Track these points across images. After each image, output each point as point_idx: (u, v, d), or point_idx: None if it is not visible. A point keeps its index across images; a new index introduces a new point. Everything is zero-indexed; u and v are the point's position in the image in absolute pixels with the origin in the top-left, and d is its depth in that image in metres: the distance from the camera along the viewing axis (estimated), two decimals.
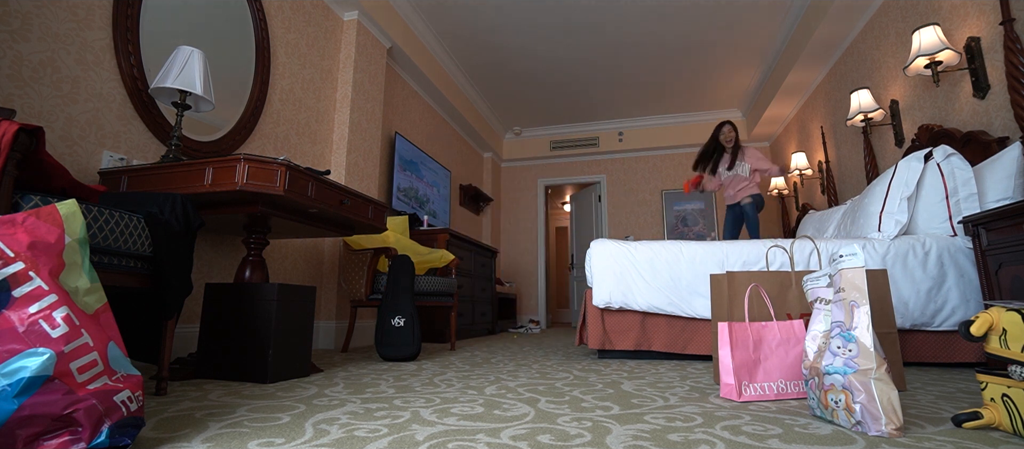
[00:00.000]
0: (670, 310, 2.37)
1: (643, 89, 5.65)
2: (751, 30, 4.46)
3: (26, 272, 0.83)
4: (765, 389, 1.39)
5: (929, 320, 2.12)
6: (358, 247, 2.82)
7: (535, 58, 4.95)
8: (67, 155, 1.81)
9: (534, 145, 6.99)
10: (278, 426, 1.07)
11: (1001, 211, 1.79)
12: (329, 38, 3.43)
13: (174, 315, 1.46)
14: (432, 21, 4.39)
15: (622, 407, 1.29)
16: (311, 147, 3.20)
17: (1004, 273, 1.81)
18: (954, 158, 2.25)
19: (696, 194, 6.44)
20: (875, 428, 0.99)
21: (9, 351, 0.78)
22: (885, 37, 3.38)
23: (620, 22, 4.34)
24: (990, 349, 1.03)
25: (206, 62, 1.98)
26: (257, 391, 1.51)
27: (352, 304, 2.86)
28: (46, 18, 1.78)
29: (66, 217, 0.93)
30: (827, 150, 4.43)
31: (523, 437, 0.98)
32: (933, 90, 2.88)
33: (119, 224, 1.28)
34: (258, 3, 2.78)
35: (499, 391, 1.53)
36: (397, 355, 2.37)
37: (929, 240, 2.20)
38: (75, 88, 1.86)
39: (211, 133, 2.45)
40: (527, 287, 6.84)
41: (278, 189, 1.65)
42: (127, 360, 0.93)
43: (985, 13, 2.42)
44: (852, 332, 1.10)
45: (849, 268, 1.15)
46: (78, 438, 0.79)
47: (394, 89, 4.36)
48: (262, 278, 1.97)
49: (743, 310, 1.56)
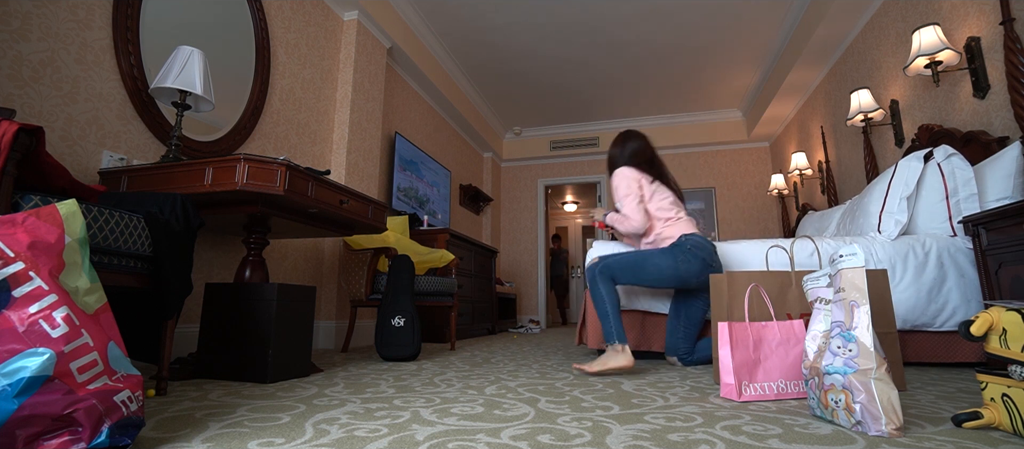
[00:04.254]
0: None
1: (643, 89, 5.65)
2: (751, 30, 4.46)
3: (26, 272, 0.83)
4: (765, 389, 1.39)
5: (930, 320, 2.12)
6: (358, 247, 2.82)
7: (535, 58, 4.95)
8: (67, 155, 1.81)
9: (534, 145, 6.99)
10: (278, 426, 1.07)
11: (1001, 211, 1.79)
12: (329, 38, 3.43)
13: (174, 315, 1.46)
14: (432, 21, 4.39)
15: (622, 407, 1.29)
16: (311, 147, 3.20)
17: (1004, 273, 1.80)
18: (955, 158, 2.25)
19: (697, 194, 6.45)
20: (875, 428, 0.99)
21: (9, 351, 0.78)
22: (885, 37, 3.38)
23: (620, 22, 4.33)
24: (990, 349, 1.03)
25: (206, 62, 1.98)
26: (257, 391, 1.50)
27: (352, 304, 2.86)
28: (46, 18, 1.78)
29: (66, 217, 0.93)
30: (827, 150, 4.43)
31: (523, 437, 0.98)
32: (933, 90, 2.87)
33: (119, 224, 1.28)
34: (258, 3, 2.78)
35: (499, 391, 1.53)
36: (397, 355, 2.36)
37: (929, 240, 2.20)
38: (75, 88, 1.86)
39: (211, 133, 2.45)
40: (527, 287, 6.84)
41: (278, 189, 1.65)
42: (127, 360, 0.93)
43: (985, 13, 2.42)
44: (852, 332, 1.10)
45: (849, 268, 1.15)
46: (78, 438, 0.79)
47: (394, 89, 4.36)
48: (262, 278, 1.97)
49: (743, 310, 1.56)
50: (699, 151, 6.52)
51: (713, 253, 2.11)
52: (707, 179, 6.44)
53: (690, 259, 2.06)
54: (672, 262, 2.06)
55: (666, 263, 2.07)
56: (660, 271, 2.07)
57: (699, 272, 2.07)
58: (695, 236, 2.12)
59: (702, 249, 2.08)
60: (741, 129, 6.22)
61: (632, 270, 2.07)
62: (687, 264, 2.06)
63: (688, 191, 6.45)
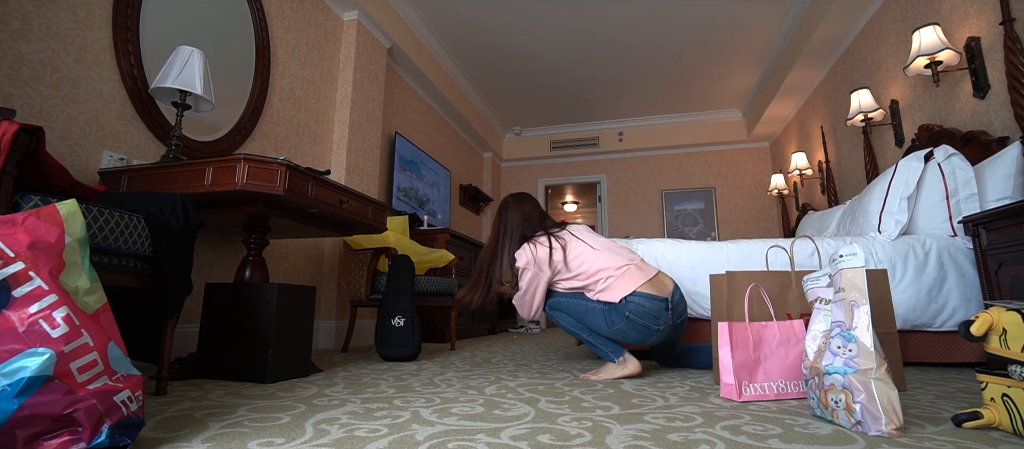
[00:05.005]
0: None
1: (643, 89, 5.65)
2: (751, 30, 4.46)
3: (26, 272, 0.83)
4: (765, 389, 1.39)
5: (930, 321, 2.12)
6: (358, 247, 2.82)
7: (535, 58, 4.95)
8: (67, 155, 1.81)
9: (534, 145, 6.99)
10: (278, 426, 1.07)
11: (1001, 211, 1.79)
12: (329, 38, 3.43)
13: (174, 315, 1.46)
14: (432, 21, 4.39)
15: (622, 407, 1.29)
16: (311, 147, 3.20)
17: (1004, 273, 1.80)
18: (955, 158, 2.24)
19: (697, 194, 6.45)
20: (875, 428, 0.99)
21: (9, 351, 0.78)
22: (885, 37, 3.38)
23: (620, 22, 4.33)
24: (990, 349, 1.03)
25: (206, 62, 1.98)
26: (257, 391, 1.50)
27: (352, 304, 2.86)
28: (46, 18, 1.78)
29: (66, 217, 0.93)
30: (827, 150, 4.43)
31: (523, 437, 0.98)
32: (933, 90, 2.87)
33: (119, 224, 1.28)
34: (258, 3, 2.78)
35: (499, 391, 1.53)
36: (397, 355, 2.36)
37: (929, 240, 2.20)
38: (75, 88, 1.86)
39: (211, 133, 2.45)
40: None
41: (278, 189, 1.65)
42: (127, 360, 0.93)
43: (985, 13, 2.42)
44: (852, 332, 1.10)
45: (849, 268, 1.15)
46: (78, 438, 0.79)
47: (394, 89, 4.36)
48: (262, 278, 1.97)
49: (743, 310, 1.56)
50: (699, 151, 6.52)
51: (662, 311, 1.76)
52: (707, 179, 6.44)
53: (628, 328, 1.77)
54: (607, 325, 1.80)
55: (603, 323, 1.80)
56: (602, 327, 1.82)
57: (642, 339, 1.80)
58: (638, 297, 1.75)
59: (644, 314, 1.75)
60: (741, 129, 6.21)
61: (577, 317, 1.86)
62: (625, 331, 1.78)
63: (688, 191, 6.45)
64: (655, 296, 1.77)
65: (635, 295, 1.76)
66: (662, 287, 1.80)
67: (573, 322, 1.88)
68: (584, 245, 1.89)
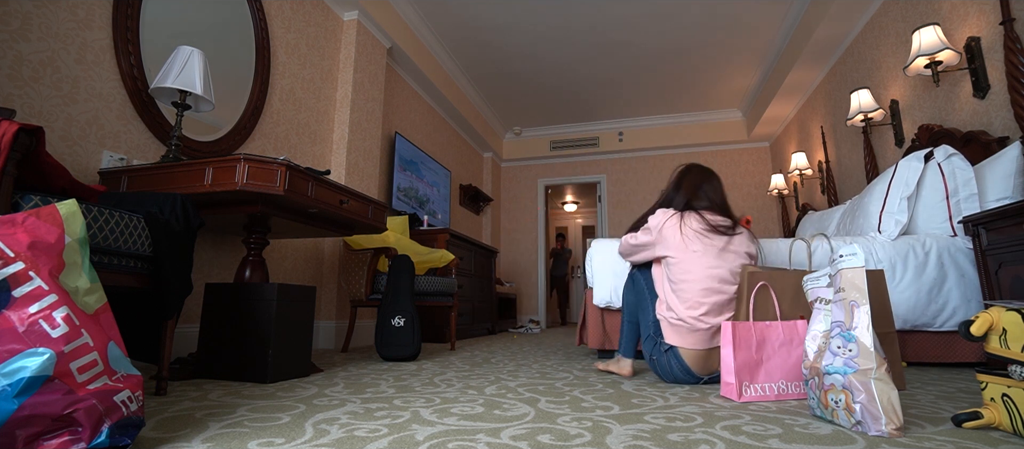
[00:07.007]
0: None
1: (643, 89, 5.65)
2: (751, 30, 4.46)
3: (26, 272, 0.83)
4: (766, 390, 1.39)
5: (930, 321, 2.12)
6: (358, 247, 2.82)
7: (535, 58, 4.95)
8: (67, 155, 1.81)
9: (534, 145, 6.99)
10: (278, 426, 1.07)
11: (1001, 211, 1.79)
12: (329, 38, 3.43)
13: (174, 315, 1.46)
14: (432, 21, 4.39)
15: (622, 407, 1.29)
16: (311, 147, 3.20)
17: (1004, 273, 1.80)
18: (955, 158, 2.24)
19: None
20: (875, 428, 0.99)
21: (9, 351, 0.78)
22: (885, 37, 3.38)
23: (620, 22, 4.33)
24: (990, 349, 1.03)
25: (206, 62, 1.98)
26: (257, 391, 1.50)
27: (352, 304, 2.86)
28: (46, 18, 1.78)
29: (66, 217, 0.93)
30: (827, 150, 4.43)
31: (523, 437, 0.98)
32: (933, 90, 2.87)
33: (119, 224, 1.28)
34: (258, 3, 2.78)
35: (499, 391, 1.53)
36: (397, 355, 2.36)
37: (929, 240, 2.20)
38: (75, 88, 1.86)
39: (211, 133, 2.45)
40: (527, 287, 6.84)
41: (278, 189, 1.65)
42: (127, 360, 0.93)
43: (985, 13, 2.42)
44: (852, 332, 1.10)
45: (849, 268, 1.15)
46: (78, 438, 0.79)
47: (394, 89, 4.36)
48: (262, 278, 1.97)
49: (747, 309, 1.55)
50: (699, 151, 6.51)
51: (688, 380, 1.69)
52: None
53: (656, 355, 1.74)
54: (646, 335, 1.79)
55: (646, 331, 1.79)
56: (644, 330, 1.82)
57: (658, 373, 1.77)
58: (677, 356, 1.66)
59: (672, 369, 1.70)
60: (741, 129, 6.21)
61: (639, 303, 1.87)
62: (651, 353, 1.76)
63: None
64: (690, 370, 1.67)
65: (679, 351, 1.68)
66: (705, 367, 1.67)
67: (633, 301, 1.90)
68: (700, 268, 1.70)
